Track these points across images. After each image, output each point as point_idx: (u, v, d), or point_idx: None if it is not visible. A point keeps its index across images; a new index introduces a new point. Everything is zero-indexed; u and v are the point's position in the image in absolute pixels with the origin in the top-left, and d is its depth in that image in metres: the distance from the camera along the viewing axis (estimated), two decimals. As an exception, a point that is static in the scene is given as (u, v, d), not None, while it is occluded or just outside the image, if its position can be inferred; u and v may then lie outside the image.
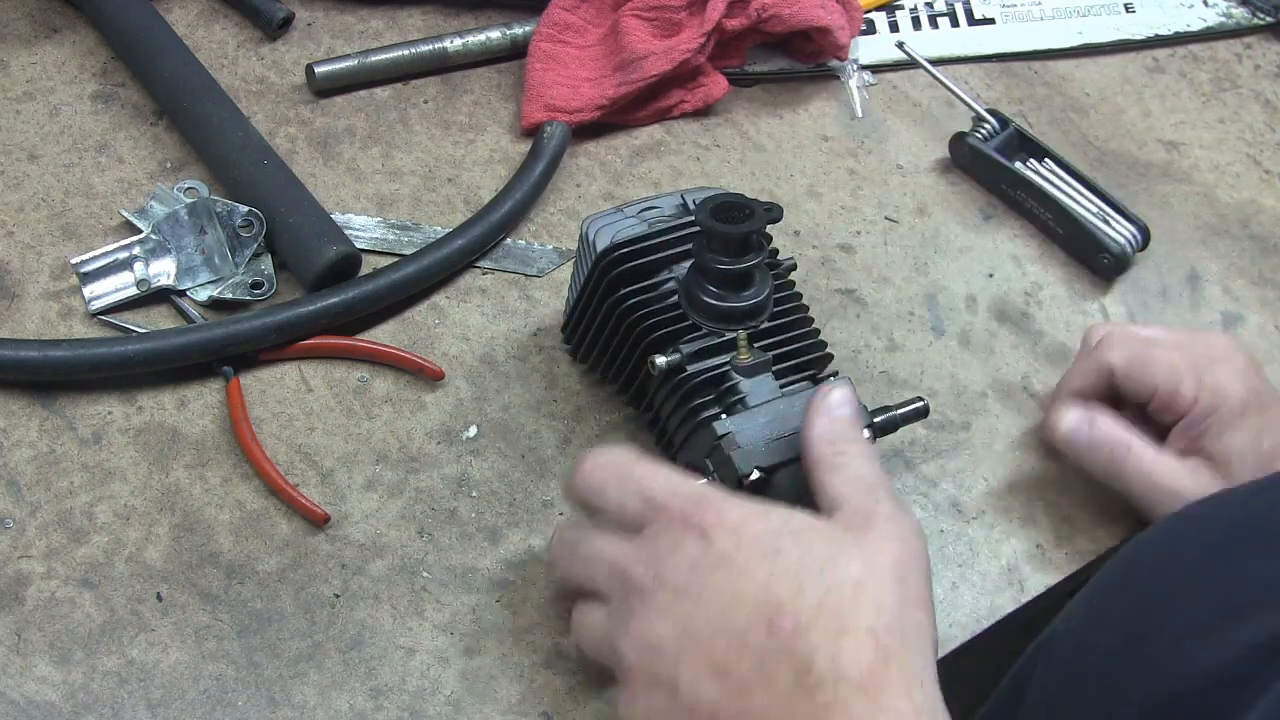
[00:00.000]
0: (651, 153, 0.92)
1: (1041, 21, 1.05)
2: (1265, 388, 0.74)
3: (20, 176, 0.83)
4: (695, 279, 0.69)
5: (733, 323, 0.69)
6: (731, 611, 0.55)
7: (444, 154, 0.89)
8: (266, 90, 0.90)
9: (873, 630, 0.54)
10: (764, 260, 0.69)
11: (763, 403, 0.67)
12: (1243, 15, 1.08)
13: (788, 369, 0.70)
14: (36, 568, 0.68)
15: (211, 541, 0.71)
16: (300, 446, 0.75)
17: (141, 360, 0.73)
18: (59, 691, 0.65)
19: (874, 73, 1.00)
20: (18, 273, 0.79)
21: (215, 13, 0.94)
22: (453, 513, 0.74)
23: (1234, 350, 0.75)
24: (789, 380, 0.70)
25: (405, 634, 0.69)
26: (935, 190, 0.94)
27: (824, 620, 0.54)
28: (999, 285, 0.89)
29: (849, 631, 0.54)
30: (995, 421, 0.82)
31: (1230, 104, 1.03)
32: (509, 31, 0.94)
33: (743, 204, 0.67)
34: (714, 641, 0.55)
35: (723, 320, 0.69)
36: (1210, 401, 0.72)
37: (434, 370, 0.78)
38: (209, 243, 0.79)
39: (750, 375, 0.68)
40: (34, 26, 0.91)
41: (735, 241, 0.67)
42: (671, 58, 0.90)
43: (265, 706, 0.66)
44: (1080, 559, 0.77)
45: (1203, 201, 0.97)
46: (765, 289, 0.70)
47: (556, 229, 0.87)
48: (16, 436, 0.73)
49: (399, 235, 0.84)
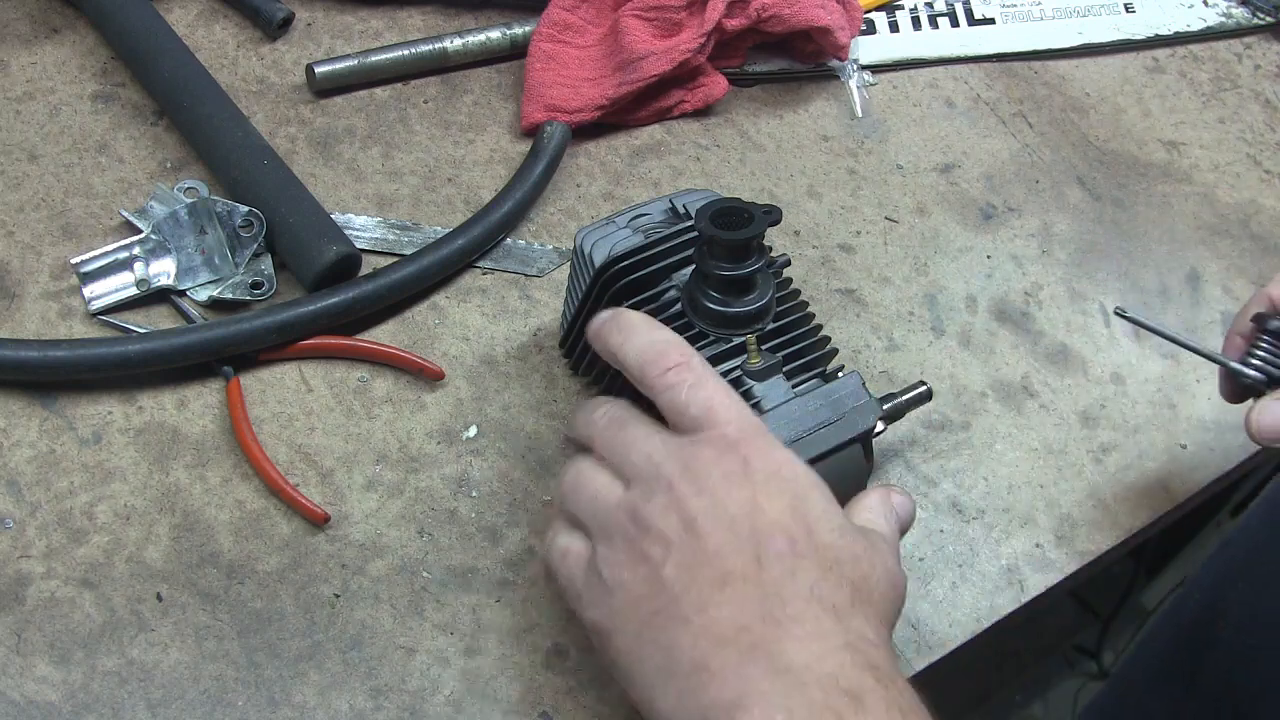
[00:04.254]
0: (651, 153, 0.92)
1: (1041, 21, 1.05)
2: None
3: (20, 176, 0.83)
4: (697, 286, 0.69)
5: (738, 327, 0.69)
6: (741, 518, 0.57)
7: (444, 154, 0.89)
8: (266, 90, 0.90)
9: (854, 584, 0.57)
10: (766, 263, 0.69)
11: (778, 405, 0.67)
12: (1243, 15, 1.08)
13: (797, 368, 0.70)
14: (36, 568, 0.68)
15: (211, 541, 0.71)
16: (300, 446, 0.75)
17: (141, 360, 0.73)
18: (59, 691, 0.65)
19: (874, 73, 1.00)
20: (18, 273, 0.79)
21: (215, 13, 0.94)
22: (453, 513, 0.74)
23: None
24: (799, 380, 0.70)
25: (405, 634, 0.69)
26: (935, 190, 0.94)
27: (819, 558, 0.57)
28: (999, 285, 0.89)
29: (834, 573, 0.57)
30: (995, 421, 0.82)
31: (1230, 104, 1.03)
32: (509, 31, 0.94)
33: (741, 209, 0.67)
34: (712, 535, 0.57)
35: (728, 325, 0.69)
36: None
37: (434, 370, 0.78)
38: (209, 243, 0.79)
39: (763, 379, 0.68)
40: (34, 26, 0.91)
41: (738, 247, 0.66)
42: (671, 58, 0.90)
43: (265, 706, 0.66)
44: (1080, 559, 0.77)
45: (1203, 201, 0.97)
46: (768, 291, 0.69)
47: (556, 229, 0.87)
48: (16, 436, 0.73)
49: (399, 235, 0.84)
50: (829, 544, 0.58)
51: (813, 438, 0.66)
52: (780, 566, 0.56)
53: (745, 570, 0.56)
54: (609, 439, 0.63)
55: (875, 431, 0.69)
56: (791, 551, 0.57)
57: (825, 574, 0.57)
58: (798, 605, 0.55)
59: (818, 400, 0.67)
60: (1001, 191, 0.95)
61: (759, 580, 0.56)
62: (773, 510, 0.58)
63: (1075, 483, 0.80)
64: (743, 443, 0.60)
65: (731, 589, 0.56)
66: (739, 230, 0.66)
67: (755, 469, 0.59)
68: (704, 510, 0.58)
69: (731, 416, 0.60)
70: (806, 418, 0.66)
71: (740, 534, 0.57)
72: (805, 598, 0.55)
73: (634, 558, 0.58)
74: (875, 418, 0.68)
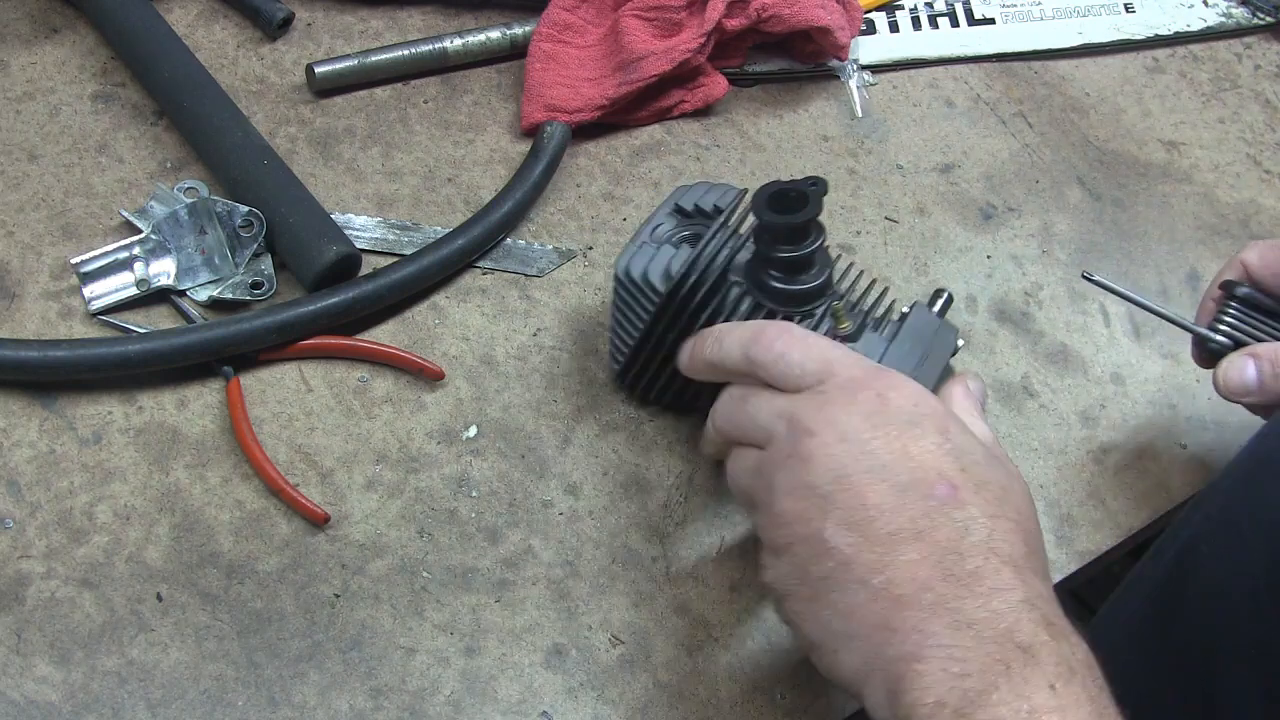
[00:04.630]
0: (651, 153, 0.92)
1: (1041, 21, 1.05)
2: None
3: (20, 176, 0.83)
4: (761, 271, 0.69)
5: (809, 302, 0.69)
6: (895, 465, 0.56)
7: (444, 154, 0.89)
8: (266, 90, 0.90)
9: (1020, 526, 0.56)
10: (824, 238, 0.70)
11: (882, 358, 0.68)
12: (1243, 15, 1.08)
13: (875, 319, 0.72)
14: (36, 568, 0.68)
15: (211, 541, 0.71)
16: (300, 446, 0.75)
17: (141, 360, 0.73)
18: (59, 691, 0.65)
19: (874, 73, 1.00)
20: (18, 273, 0.79)
21: (215, 13, 0.94)
22: (453, 513, 0.74)
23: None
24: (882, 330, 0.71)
25: (405, 634, 0.69)
26: (935, 190, 0.94)
27: (982, 502, 0.56)
28: (999, 285, 0.89)
29: (1003, 519, 0.56)
30: (995, 421, 0.82)
31: (1230, 104, 1.03)
32: (509, 31, 0.94)
33: (790, 189, 0.67)
34: (870, 488, 0.56)
35: (801, 302, 0.70)
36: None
37: (434, 370, 0.78)
38: (209, 243, 0.79)
39: (857, 339, 0.69)
40: (34, 26, 0.91)
41: (798, 229, 0.67)
42: (671, 58, 0.90)
43: (265, 706, 0.66)
44: (1080, 559, 0.77)
45: (1203, 201, 0.97)
46: (828, 259, 0.70)
47: (556, 229, 0.87)
48: (16, 436, 0.73)
49: (399, 235, 0.84)
50: (985, 481, 0.57)
51: (921, 376, 0.67)
52: (947, 519, 0.55)
53: (916, 525, 0.55)
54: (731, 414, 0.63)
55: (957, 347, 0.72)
56: (954, 499, 0.56)
57: (995, 521, 0.55)
58: (976, 560, 0.54)
59: (907, 341, 0.69)
60: (1001, 191, 0.95)
61: (933, 538, 0.55)
62: (922, 452, 0.57)
63: (1075, 483, 0.80)
64: (872, 380, 0.59)
65: (906, 547, 0.55)
66: (797, 213, 0.66)
67: (893, 404, 0.58)
68: (853, 459, 0.57)
69: (850, 361, 0.61)
70: (907, 359, 0.68)
71: (899, 484, 0.56)
72: (983, 552, 0.54)
73: (789, 519, 0.58)
74: (955, 336, 0.71)
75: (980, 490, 0.56)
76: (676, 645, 0.71)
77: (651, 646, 0.71)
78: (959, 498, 0.56)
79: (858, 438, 0.57)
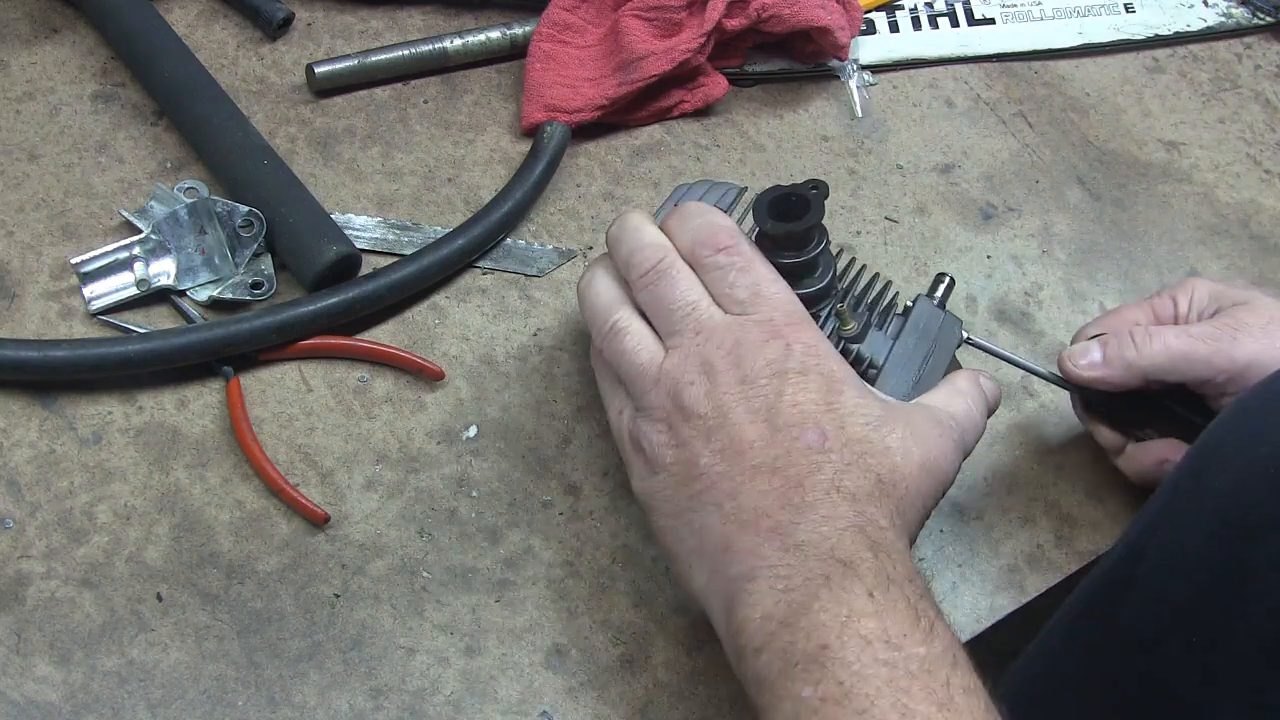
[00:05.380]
0: (651, 153, 0.92)
1: (1041, 21, 1.05)
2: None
3: (20, 176, 0.83)
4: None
5: (812, 306, 0.70)
6: (778, 408, 0.60)
7: (444, 154, 0.89)
8: (266, 90, 0.90)
9: (881, 481, 0.60)
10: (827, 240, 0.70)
11: (887, 358, 0.69)
12: (1243, 15, 1.08)
13: (879, 316, 0.72)
14: (36, 568, 0.68)
15: (211, 541, 0.71)
16: (300, 446, 0.75)
17: (141, 360, 0.73)
18: (59, 691, 0.65)
19: (874, 73, 1.00)
20: (18, 273, 0.79)
21: (215, 13, 0.94)
22: (453, 513, 0.74)
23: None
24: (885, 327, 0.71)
25: (405, 634, 0.69)
26: (935, 190, 0.94)
27: (848, 454, 0.60)
28: (999, 285, 0.89)
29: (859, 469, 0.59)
30: (995, 421, 0.82)
31: (1230, 104, 1.03)
32: (509, 31, 0.94)
33: (790, 194, 0.68)
34: (750, 426, 0.60)
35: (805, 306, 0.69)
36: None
37: (434, 370, 0.78)
38: (209, 243, 0.79)
39: (862, 339, 0.70)
40: (34, 26, 0.91)
41: (799, 235, 0.68)
42: (671, 58, 0.90)
43: (265, 706, 0.66)
44: (1080, 559, 0.77)
45: (1203, 201, 0.97)
46: (831, 260, 0.71)
47: (556, 229, 0.87)
48: (16, 436, 0.73)
49: (399, 235, 0.84)
50: (860, 437, 0.60)
51: (927, 372, 0.68)
52: (807, 460, 0.59)
53: (775, 462, 0.59)
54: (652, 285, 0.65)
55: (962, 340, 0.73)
56: (821, 446, 0.59)
57: (849, 466, 0.59)
58: (817, 494, 0.58)
59: (912, 337, 0.70)
60: (1001, 191, 0.95)
61: (786, 472, 0.59)
62: (807, 402, 0.60)
63: (1075, 483, 0.80)
64: (788, 328, 0.63)
65: (761, 479, 0.59)
66: (799, 219, 0.67)
67: (795, 354, 0.62)
68: (744, 400, 0.60)
69: (778, 302, 0.64)
70: (913, 357, 0.69)
71: (775, 425, 0.60)
72: (826, 488, 0.58)
73: (674, 440, 0.62)
74: (960, 328, 0.72)
75: (851, 445, 0.60)
76: (676, 645, 0.71)
77: (651, 646, 0.71)
78: (825, 445, 0.59)
79: (751, 380, 0.61)
